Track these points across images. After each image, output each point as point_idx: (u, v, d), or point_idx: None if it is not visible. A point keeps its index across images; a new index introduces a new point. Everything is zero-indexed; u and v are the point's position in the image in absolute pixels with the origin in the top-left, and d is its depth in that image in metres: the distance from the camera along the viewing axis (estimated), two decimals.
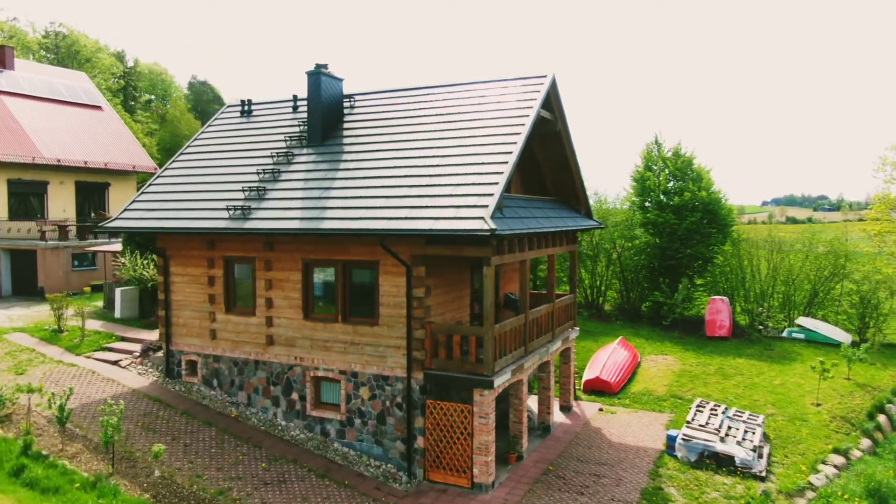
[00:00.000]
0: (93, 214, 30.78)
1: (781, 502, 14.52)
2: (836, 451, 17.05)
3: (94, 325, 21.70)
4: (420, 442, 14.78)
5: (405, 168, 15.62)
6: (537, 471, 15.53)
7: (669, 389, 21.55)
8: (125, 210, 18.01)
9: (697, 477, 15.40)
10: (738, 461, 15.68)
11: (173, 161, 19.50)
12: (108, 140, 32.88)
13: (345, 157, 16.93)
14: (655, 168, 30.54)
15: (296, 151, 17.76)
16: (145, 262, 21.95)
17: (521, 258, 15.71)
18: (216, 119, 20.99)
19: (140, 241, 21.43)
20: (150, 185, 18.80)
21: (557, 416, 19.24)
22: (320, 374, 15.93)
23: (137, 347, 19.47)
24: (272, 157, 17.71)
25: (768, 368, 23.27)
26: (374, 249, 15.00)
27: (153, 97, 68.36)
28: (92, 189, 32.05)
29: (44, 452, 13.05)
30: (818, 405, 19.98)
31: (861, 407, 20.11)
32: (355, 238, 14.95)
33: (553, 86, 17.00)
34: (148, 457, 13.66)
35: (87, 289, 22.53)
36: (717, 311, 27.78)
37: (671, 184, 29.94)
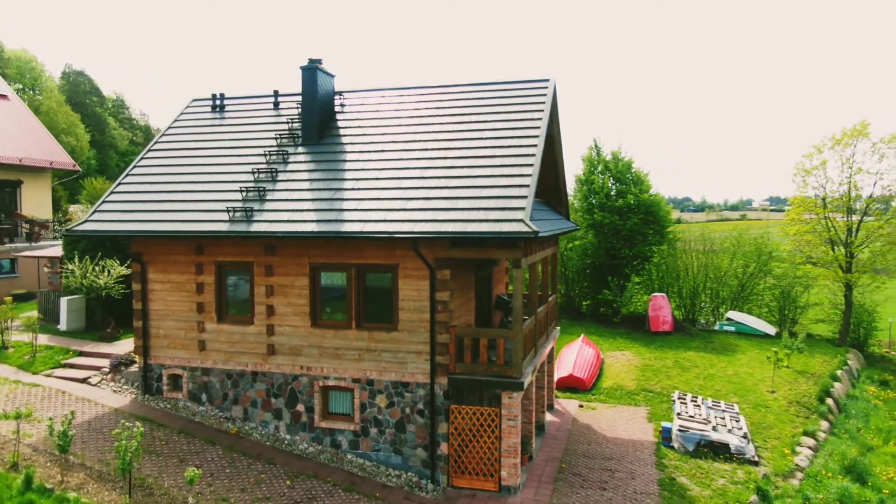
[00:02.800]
0: (2, 216, 27.54)
1: (780, 484, 15.62)
2: (805, 433, 18.57)
3: (30, 338, 19.43)
4: (444, 448, 14.52)
5: (422, 169, 15.30)
6: (552, 469, 15.73)
7: (638, 384, 22.51)
8: (95, 211, 16.32)
9: (700, 465, 16.23)
10: (732, 448, 16.69)
11: (142, 158, 17.89)
12: (20, 133, 29.50)
13: (349, 156, 16.30)
14: (597, 171, 31.81)
15: (290, 150, 16.87)
16: (97, 268, 19.92)
17: (537, 259, 15.86)
18: (183, 114, 19.47)
19: (110, 245, 19.50)
20: (120, 183, 17.15)
21: (545, 415, 19.57)
22: (330, 383, 15.23)
23: (102, 363, 17.67)
24: (265, 155, 16.71)
25: (718, 360, 24.91)
26: (392, 253, 14.57)
27: (21, 86, 61.98)
28: (1, 187, 28.56)
29: (47, 486, 11.56)
30: (773, 392, 21.66)
31: (809, 392, 22.03)
32: (371, 241, 14.45)
33: (554, 90, 17.27)
34: (163, 483, 12.48)
35: (9, 298, 20.12)
36: (660, 307, 29.37)
37: (613, 186, 31.30)
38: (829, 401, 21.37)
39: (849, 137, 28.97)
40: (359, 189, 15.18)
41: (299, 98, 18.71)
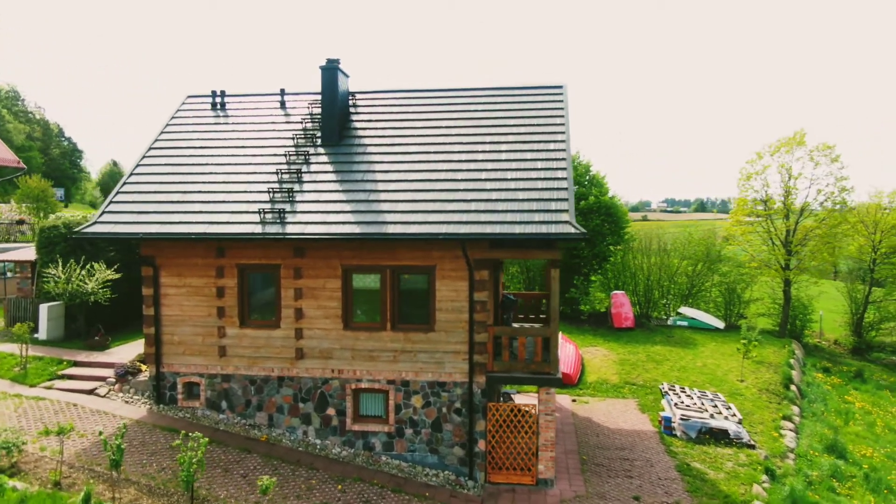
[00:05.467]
0: None
1: (779, 464, 16.98)
2: (784, 417, 20.20)
3: (10, 348, 18.03)
4: (481, 445, 14.81)
5: (451, 172, 15.51)
6: (574, 461, 16.35)
7: (620, 377, 23.61)
8: (104, 213, 15.42)
9: (706, 451, 17.35)
10: (731, 434, 17.94)
11: (144, 157, 17.02)
12: None
13: (373, 157, 16.25)
14: None
15: (310, 150, 16.60)
16: (83, 272, 18.67)
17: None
18: (180, 111, 18.63)
19: (90, 248, 18.25)
20: (126, 183, 16.27)
21: None
22: (363, 385, 15.16)
23: (104, 372, 16.65)
24: (285, 155, 16.37)
25: (685, 353, 26.50)
26: (429, 254, 14.73)
27: None
28: None
29: None
30: (742, 381, 23.33)
31: (773, 380, 23.89)
32: (409, 242, 14.55)
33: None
34: (218, 494, 12.07)
35: None
36: (621, 304, 30.84)
37: (575, 189, 32.52)
38: (793, 387, 23.28)
39: (786, 146, 31.53)
40: (390, 191, 15.21)
41: (308, 97, 18.49)
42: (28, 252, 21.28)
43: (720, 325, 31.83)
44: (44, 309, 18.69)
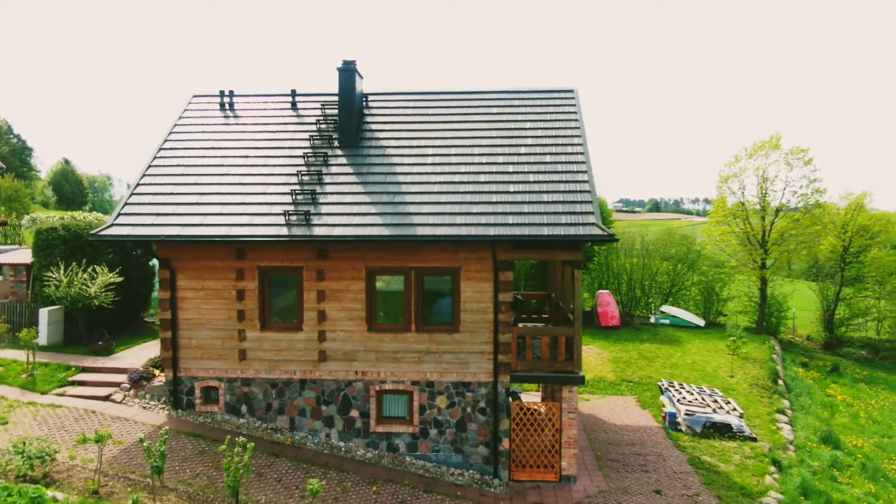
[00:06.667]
0: None
1: (782, 455, 17.67)
2: (778, 411, 21.01)
3: (11, 354, 17.44)
4: (505, 444, 15.04)
5: (473, 174, 15.68)
6: (590, 458, 16.71)
7: (616, 375, 24.16)
8: (119, 215, 15.07)
9: (712, 444, 17.93)
10: (734, 427, 18.58)
11: (155, 157, 16.68)
12: None
13: (393, 159, 16.30)
14: None
15: (328, 152, 16.54)
16: (86, 275, 18.13)
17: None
18: (187, 111, 18.28)
19: (91, 251, 17.73)
20: (139, 184, 15.93)
21: None
22: (387, 387, 15.22)
23: (116, 378, 16.24)
24: (303, 157, 16.28)
25: (674, 351, 27.25)
26: (455, 256, 14.88)
27: None
28: None
29: None
30: (732, 377, 24.15)
31: (761, 375, 24.78)
32: (435, 244, 14.68)
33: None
34: (259, 498, 11.98)
35: None
36: (607, 303, 31.52)
37: None
38: (780, 382, 24.21)
39: (762, 148, 32.70)
40: (413, 193, 15.29)
41: (320, 98, 18.41)
42: (22, 254, 20.55)
43: (701, 322, 32.81)
44: (44, 313, 18.09)
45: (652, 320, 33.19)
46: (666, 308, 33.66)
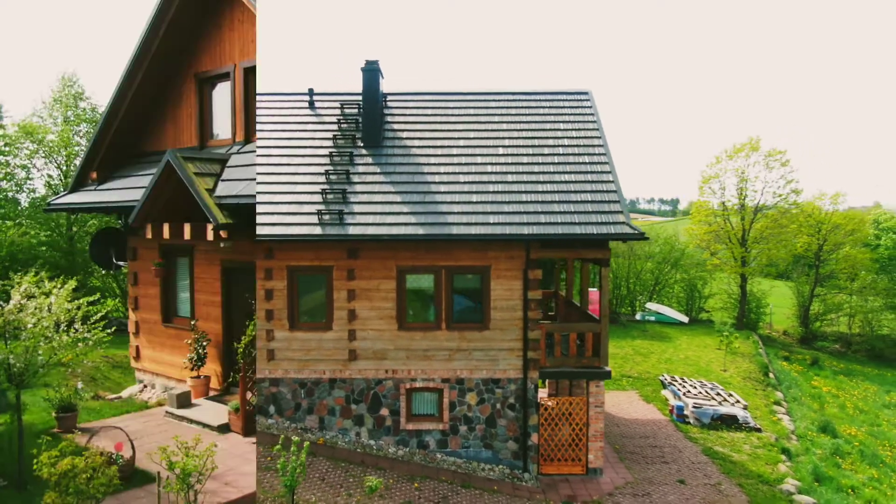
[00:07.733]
0: None
1: (787, 445, 18.45)
2: (775, 403, 21.87)
3: None
4: (534, 438, 15.33)
5: (501, 174, 15.93)
6: (609, 451, 17.17)
7: (615, 370, 24.74)
8: None
9: (721, 436, 18.60)
10: (739, 419, 19.31)
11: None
12: None
13: (419, 159, 16.43)
14: None
15: (353, 151, 16.57)
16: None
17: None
18: None
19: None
20: None
21: None
22: (418, 385, 15.35)
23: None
24: (329, 156, 16.28)
25: (666, 347, 28.05)
26: (485, 254, 15.11)
27: None
28: None
29: None
30: (725, 371, 25.02)
31: (751, 369, 25.73)
32: (467, 243, 14.89)
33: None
34: (309, 497, 12.00)
35: None
36: (595, 301, 32.15)
37: None
38: (771, 375, 25.18)
39: (741, 150, 33.86)
40: (443, 192, 15.47)
41: (338, 97, 18.40)
42: None
43: (684, 319, 33.79)
44: None
45: (638, 317, 34.01)
46: (651, 305, 34.53)
